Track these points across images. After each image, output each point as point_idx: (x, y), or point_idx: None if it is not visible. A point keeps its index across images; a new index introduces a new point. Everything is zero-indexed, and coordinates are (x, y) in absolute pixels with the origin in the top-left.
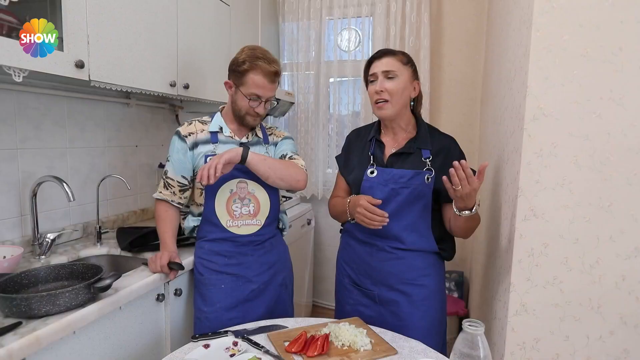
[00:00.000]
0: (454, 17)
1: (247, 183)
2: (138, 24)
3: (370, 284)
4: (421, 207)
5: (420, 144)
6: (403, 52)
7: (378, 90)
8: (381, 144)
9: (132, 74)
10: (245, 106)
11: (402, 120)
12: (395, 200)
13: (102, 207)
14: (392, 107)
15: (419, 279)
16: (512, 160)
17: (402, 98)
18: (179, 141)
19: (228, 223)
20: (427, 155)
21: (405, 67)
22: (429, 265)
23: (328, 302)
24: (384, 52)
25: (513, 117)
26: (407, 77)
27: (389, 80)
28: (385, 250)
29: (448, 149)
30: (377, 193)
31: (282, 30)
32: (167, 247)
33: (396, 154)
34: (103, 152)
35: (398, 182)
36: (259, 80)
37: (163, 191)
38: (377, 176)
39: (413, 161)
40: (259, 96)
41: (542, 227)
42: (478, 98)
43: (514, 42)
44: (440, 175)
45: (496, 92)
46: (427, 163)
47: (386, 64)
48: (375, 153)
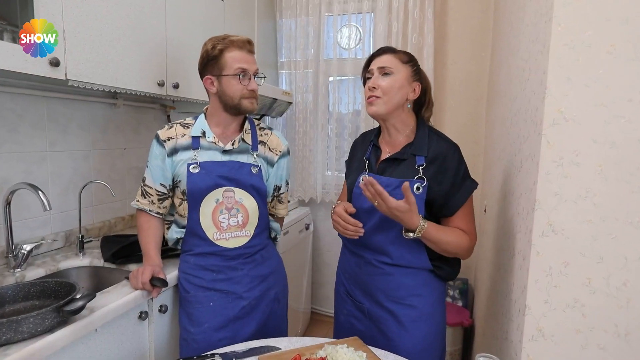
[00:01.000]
0: (458, 13)
1: (234, 191)
2: (121, 19)
3: (360, 296)
4: None
5: (416, 149)
6: (406, 52)
7: (371, 87)
8: (378, 149)
9: (115, 73)
10: (238, 88)
11: (397, 122)
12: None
13: (87, 213)
14: (384, 104)
15: (407, 299)
16: (526, 169)
17: (396, 97)
18: (157, 146)
19: (215, 236)
20: (421, 163)
21: (404, 65)
22: (420, 285)
23: (327, 309)
24: (384, 49)
25: (527, 121)
26: (404, 76)
27: (384, 77)
28: (372, 264)
29: (444, 156)
30: (364, 201)
31: (280, 27)
32: (150, 260)
33: (389, 160)
34: (87, 156)
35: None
36: (237, 54)
37: (141, 200)
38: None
39: (404, 169)
40: (244, 70)
41: (562, 244)
42: (484, 98)
43: (527, 38)
44: (434, 185)
45: (505, 92)
46: (419, 171)
47: (384, 61)
48: (370, 158)
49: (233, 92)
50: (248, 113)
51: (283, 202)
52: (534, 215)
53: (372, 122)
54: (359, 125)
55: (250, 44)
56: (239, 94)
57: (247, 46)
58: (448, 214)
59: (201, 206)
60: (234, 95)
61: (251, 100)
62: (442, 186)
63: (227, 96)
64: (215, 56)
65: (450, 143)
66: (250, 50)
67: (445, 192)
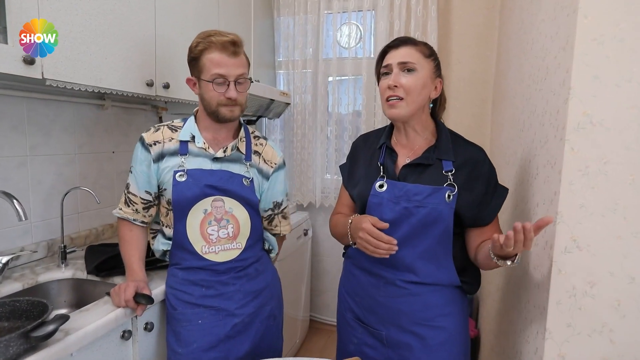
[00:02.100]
0: (462, 11)
1: (223, 201)
2: (106, 14)
3: (376, 322)
4: (440, 232)
5: (441, 153)
6: (425, 43)
7: (391, 85)
8: (393, 152)
9: (98, 72)
10: (214, 96)
11: (418, 124)
12: (409, 223)
13: (72, 221)
14: (407, 106)
15: (436, 320)
16: (544, 176)
17: (420, 97)
18: (142, 150)
19: (204, 249)
20: (449, 168)
21: (427, 60)
22: (449, 302)
23: (326, 317)
24: (402, 40)
25: (545, 124)
26: (428, 73)
27: (407, 73)
28: (394, 285)
29: (475, 161)
30: (386, 212)
31: (277, 25)
32: (134, 274)
33: (411, 165)
34: (72, 160)
35: (412, 199)
36: (216, 56)
37: (124, 208)
38: (388, 191)
39: (431, 174)
40: (222, 75)
41: (587, 261)
42: (489, 98)
43: (544, 35)
44: (465, 193)
45: (515, 93)
46: (449, 177)
47: (404, 55)
48: (385, 163)
49: (210, 98)
50: (227, 121)
51: (287, 217)
52: (555, 229)
53: (373, 124)
54: (359, 127)
55: (235, 45)
56: (215, 101)
57: (230, 48)
58: (482, 224)
59: (188, 217)
60: (210, 101)
61: (230, 108)
62: (474, 194)
63: (205, 101)
64: (195, 57)
65: (478, 146)
66: (235, 52)
67: (478, 200)
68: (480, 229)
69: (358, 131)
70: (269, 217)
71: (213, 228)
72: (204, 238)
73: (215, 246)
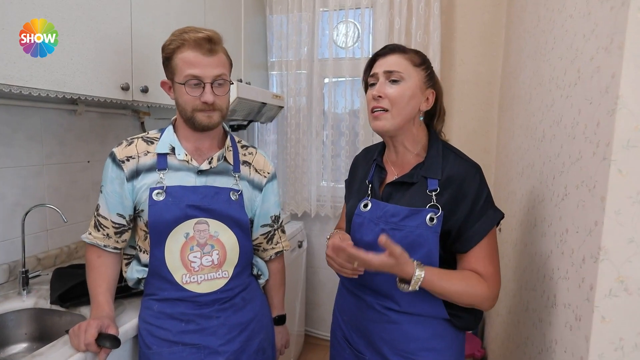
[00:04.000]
0: (467, 8)
1: (208, 224)
2: (71, 7)
3: (361, 345)
4: (422, 257)
5: (427, 171)
6: (418, 52)
7: (375, 96)
8: (383, 170)
9: (61, 75)
10: (188, 100)
11: (407, 139)
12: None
13: (41, 239)
14: (392, 118)
15: (419, 354)
16: (578, 200)
17: (407, 109)
18: (113, 167)
19: (184, 279)
20: (434, 187)
21: (417, 69)
22: (434, 336)
23: (322, 332)
24: (391, 48)
25: (578, 137)
26: (417, 83)
27: (392, 83)
28: (374, 309)
29: (462, 179)
30: (367, 233)
31: (270, 24)
32: (99, 309)
33: (395, 184)
34: (40, 172)
35: (389, 221)
36: (189, 55)
37: (93, 232)
38: (370, 211)
39: (414, 194)
40: (196, 77)
41: (638, 308)
42: (495, 102)
43: (572, 32)
44: (449, 214)
45: (530, 97)
46: (432, 197)
47: (391, 63)
48: (373, 181)
49: (184, 103)
50: (206, 130)
51: (285, 230)
52: (597, 267)
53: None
54: (357, 132)
55: (211, 42)
56: (190, 106)
57: (205, 45)
58: (462, 250)
59: (167, 242)
60: (185, 106)
61: (208, 114)
62: (456, 215)
63: (180, 107)
64: (168, 57)
65: (470, 163)
66: (211, 50)
67: (459, 223)
68: (462, 256)
69: (356, 136)
70: (268, 234)
71: (195, 254)
72: (184, 266)
73: (198, 275)
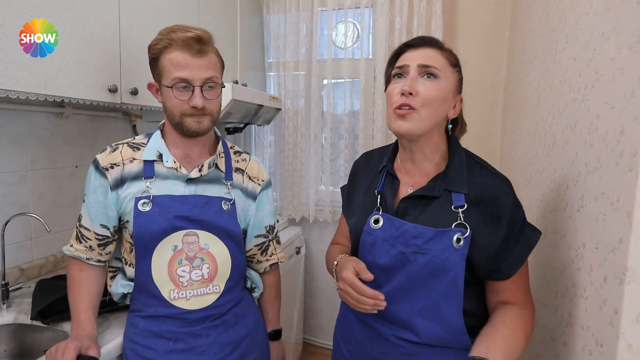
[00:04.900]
0: (470, 7)
1: (197, 235)
2: (53, 6)
3: None
4: (446, 285)
5: (451, 183)
6: (451, 51)
7: (405, 91)
8: (395, 179)
9: (42, 76)
10: (176, 104)
11: (428, 146)
12: (405, 272)
13: (25, 248)
14: (422, 120)
15: None
16: (598, 213)
17: (438, 112)
18: (96, 175)
19: (172, 294)
20: (460, 203)
21: (453, 70)
22: None
23: (321, 340)
24: (426, 40)
25: (597, 144)
26: (451, 85)
27: (428, 79)
28: (388, 341)
29: (496, 196)
30: (381, 255)
31: (267, 24)
32: (79, 328)
33: (412, 197)
34: (23, 178)
35: (410, 243)
36: (177, 56)
37: (75, 245)
38: (383, 229)
39: (437, 211)
40: (185, 80)
41: None
42: (499, 104)
43: (588, 31)
44: (480, 236)
45: (539, 100)
46: (459, 215)
47: (428, 57)
48: (384, 192)
49: (172, 107)
50: (195, 136)
51: (280, 241)
52: (623, 289)
53: (371, 131)
54: (357, 135)
55: (200, 42)
56: (178, 110)
57: (194, 45)
58: (500, 279)
59: (154, 255)
60: (173, 111)
61: (197, 119)
62: (493, 239)
63: (167, 111)
64: (155, 57)
65: (501, 177)
66: (201, 50)
67: (496, 247)
68: (498, 284)
69: (355, 139)
70: (262, 245)
71: (184, 269)
72: (172, 281)
73: (187, 291)
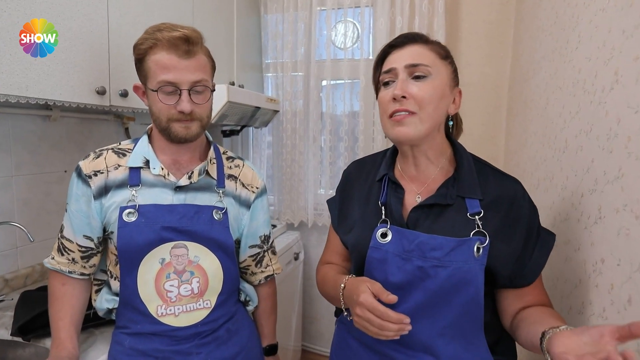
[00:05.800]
0: (473, 6)
1: (186, 247)
2: (37, 3)
3: None
4: (469, 299)
5: (464, 189)
6: (438, 42)
7: (397, 96)
8: (398, 187)
9: (23, 77)
10: (162, 108)
11: (431, 149)
12: (425, 288)
13: (10, 257)
14: (421, 123)
15: None
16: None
17: (437, 111)
18: (79, 183)
19: (160, 310)
20: (477, 210)
21: (444, 62)
22: None
23: (320, 347)
24: (410, 36)
25: (617, 152)
26: (446, 79)
27: (417, 80)
28: None
29: (512, 199)
30: (393, 272)
31: (265, 24)
32: (59, 347)
33: (422, 206)
34: (7, 185)
35: (428, 256)
36: (163, 57)
37: (57, 257)
38: (393, 242)
39: (453, 219)
40: (171, 83)
41: None
42: (504, 106)
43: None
44: (499, 242)
45: (547, 102)
46: (477, 223)
47: (414, 55)
48: (389, 202)
49: (158, 112)
50: (183, 142)
51: (276, 252)
52: None
53: (372, 133)
54: (356, 137)
55: (188, 42)
56: (164, 115)
57: (181, 46)
58: (523, 284)
59: (140, 269)
60: (159, 115)
61: (185, 125)
62: (513, 244)
63: (154, 115)
64: (140, 58)
65: (512, 179)
66: (189, 51)
67: (517, 253)
68: (520, 290)
69: (355, 141)
70: (257, 255)
71: (172, 283)
72: (160, 296)
73: (175, 306)
